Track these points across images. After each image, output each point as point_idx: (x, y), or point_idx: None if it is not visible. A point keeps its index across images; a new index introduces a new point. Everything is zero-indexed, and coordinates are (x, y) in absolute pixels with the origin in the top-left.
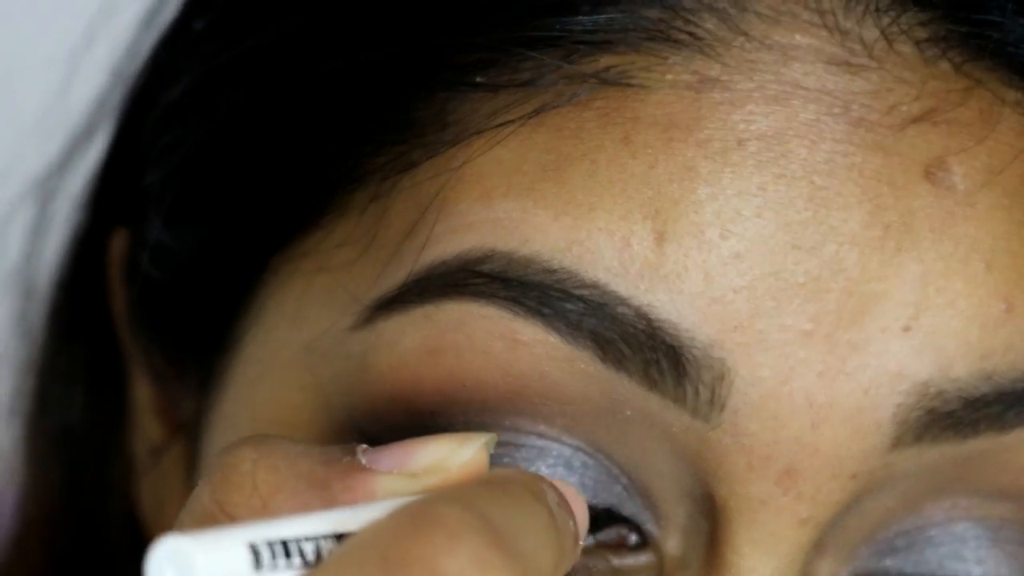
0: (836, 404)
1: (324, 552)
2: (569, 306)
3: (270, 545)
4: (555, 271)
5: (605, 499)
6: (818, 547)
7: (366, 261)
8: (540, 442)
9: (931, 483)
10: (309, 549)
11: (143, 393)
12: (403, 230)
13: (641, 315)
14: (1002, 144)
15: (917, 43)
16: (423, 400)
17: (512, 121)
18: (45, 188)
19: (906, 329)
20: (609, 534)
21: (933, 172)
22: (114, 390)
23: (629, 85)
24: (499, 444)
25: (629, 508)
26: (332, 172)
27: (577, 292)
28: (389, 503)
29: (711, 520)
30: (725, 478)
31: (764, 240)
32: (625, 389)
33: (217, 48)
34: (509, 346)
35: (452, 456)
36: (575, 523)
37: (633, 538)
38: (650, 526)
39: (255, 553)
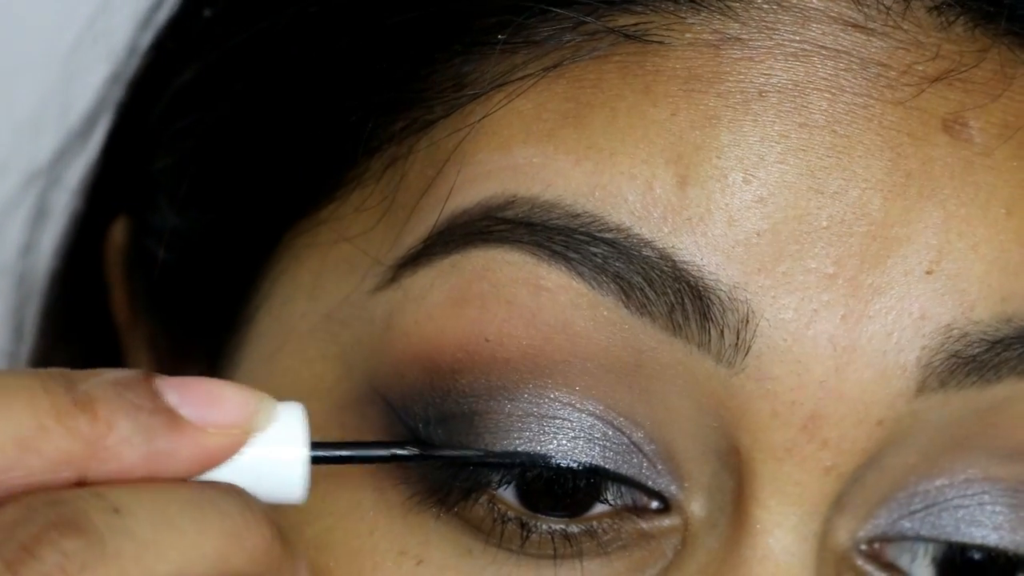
0: (860, 347)
1: None
2: (594, 249)
3: None
4: (579, 215)
5: (627, 470)
6: (839, 503)
7: (386, 224)
8: (561, 411)
9: (953, 437)
10: None
11: None
12: (422, 187)
13: (665, 257)
14: (1017, 102)
15: (932, 7)
16: (445, 358)
17: (532, 75)
18: (42, 182)
19: (928, 272)
20: (631, 501)
21: (951, 125)
22: None
23: (649, 41)
24: (520, 416)
25: (651, 477)
26: (348, 143)
27: (602, 235)
28: None
29: (736, 476)
30: (749, 426)
31: (787, 185)
32: (649, 336)
33: (230, 31)
34: (533, 293)
35: (258, 418)
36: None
37: (655, 504)
38: (674, 490)
39: None
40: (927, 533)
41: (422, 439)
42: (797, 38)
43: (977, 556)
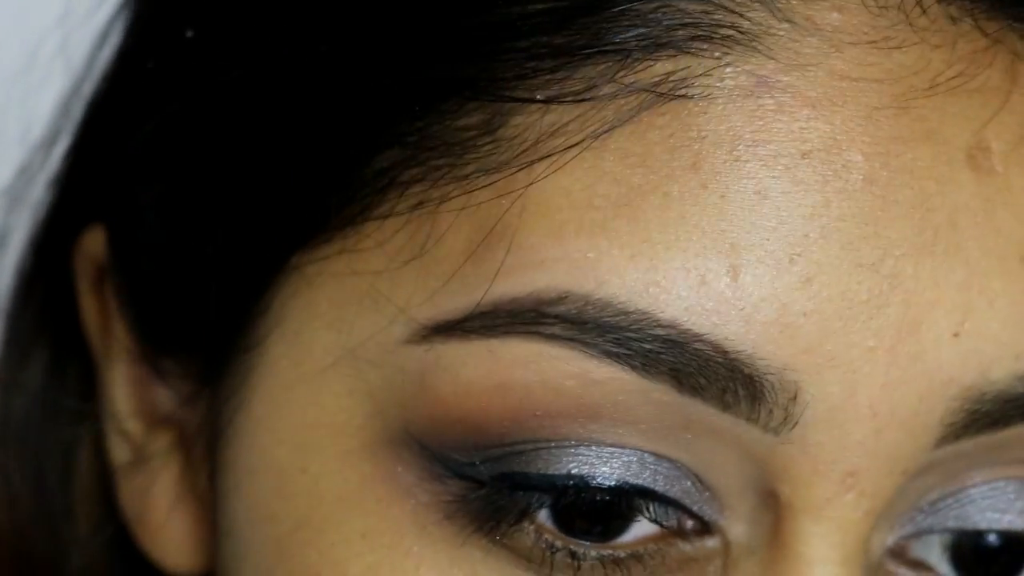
0: (896, 412)
1: None
2: (646, 345)
3: None
4: (631, 312)
5: (675, 493)
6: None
7: (414, 272)
8: (609, 448)
9: (970, 460)
10: None
11: (119, 393)
12: (462, 250)
13: (719, 350)
14: None
15: (942, 1)
16: (492, 425)
17: (574, 145)
18: (8, 196)
19: (955, 335)
20: (675, 523)
21: (974, 155)
22: (79, 400)
23: (688, 97)
24: (574, 444)
25: (697, 501)
26: (369, 175)
27: (653, 332)
28: None
29: (775, 513)
30: (790, 481)
31: (830, 261)
32: (698, 410)
33: (221, 62)
34: (582, 384)
35: None
36: None
37: (697, 526)
38: (716, 516)
39: None
40: (952, 524)
41: (465, 476)
42: (829, 74)
43: (995, 542)
